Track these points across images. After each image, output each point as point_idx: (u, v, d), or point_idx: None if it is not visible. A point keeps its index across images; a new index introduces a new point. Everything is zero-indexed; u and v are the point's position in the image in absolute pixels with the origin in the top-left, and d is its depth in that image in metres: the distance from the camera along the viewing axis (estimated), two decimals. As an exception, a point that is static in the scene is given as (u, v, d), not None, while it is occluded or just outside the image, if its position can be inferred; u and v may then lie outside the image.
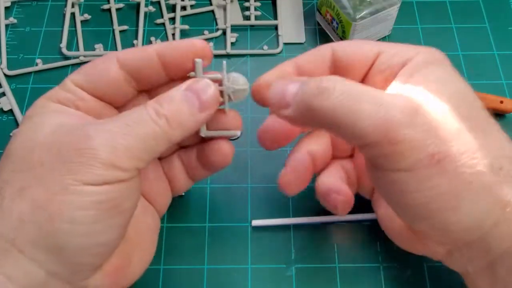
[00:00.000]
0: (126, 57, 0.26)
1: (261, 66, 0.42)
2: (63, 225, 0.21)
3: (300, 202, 0.36)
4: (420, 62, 0.25)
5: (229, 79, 0.26)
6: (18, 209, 0.21)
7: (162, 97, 0.24)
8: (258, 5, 0.45)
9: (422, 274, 0.33)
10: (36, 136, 0.23)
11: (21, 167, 0.22)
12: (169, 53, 0.26)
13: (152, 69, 0.26)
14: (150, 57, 0.26)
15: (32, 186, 0.22)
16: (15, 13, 0.45)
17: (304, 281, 0.33)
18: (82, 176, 0.21)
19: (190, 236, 0.34)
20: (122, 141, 0.22)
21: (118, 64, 0.26)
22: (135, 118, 0.23)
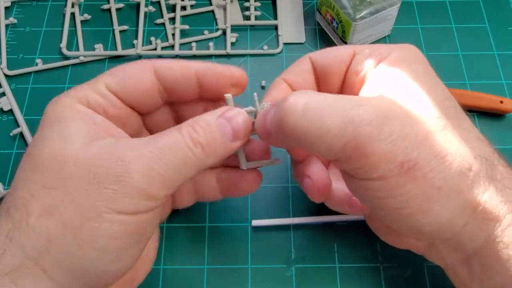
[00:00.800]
0: (164, 69, 0.26)
1: (261, 66, 0.42)
2: (92, 252, 0.21)
3: (300, 202, 0.36)
4: (393, 59, 0.25)
5: (262, 109, 0.26)
6: (47, 227, 0.21)
7: (197, 122, 0.24)
8: (258, 5, 0.45)
9: (422, 274, 0.33)
10: (67, 149, 0.22)
11: (52, 183, 0.21)
12: (209, 77, 0.26)
13: (188, 87, 0.26)
14: (189, 75, 0.26)
15: (64, 206, 0.21)
16: (15, 13, 0.45)
17: (304, 281, 0.33)
18: (117, 205, 0.21)
19: (190, 236, 0.34)
20: (158, 168, 0.22)
21: (155, 74, 0.26)
22: (171, 144, 0.23)
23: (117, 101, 0.25)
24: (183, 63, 0.26)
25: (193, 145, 0.23)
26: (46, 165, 0.22)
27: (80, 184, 0.21)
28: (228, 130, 0.24)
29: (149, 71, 0.25)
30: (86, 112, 0.24)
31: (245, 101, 0.40)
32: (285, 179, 0.37)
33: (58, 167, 0.22)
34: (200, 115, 0.25)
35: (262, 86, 0.41)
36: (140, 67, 0.26)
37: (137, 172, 0.21)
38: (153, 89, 0.26)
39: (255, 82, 0.41)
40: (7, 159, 0.38)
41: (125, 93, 0.25)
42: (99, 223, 0.21)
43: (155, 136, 0.23)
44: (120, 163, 0.21)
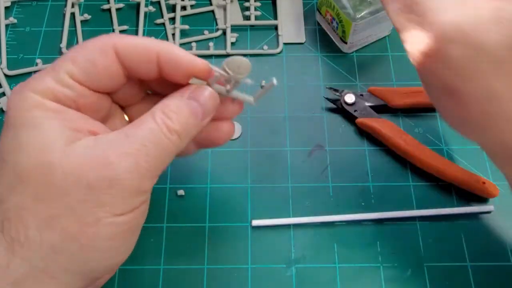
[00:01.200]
0: (126, 51, 0.24)
1: (261, 66, 0.42)
2: (95, 254, 0.22)
3: (300, 202, 0.36)
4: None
5: (230, 67, 0.25)
6: (49, 239, 0.21)
7: (168, 107, 0.24)
8: (258, 5, 0.45)
9: (422, 274, 0.33)
10: (50, 157, 0.21)
11: (44, 195, 0.21)
12: (171, 65, 0.24)
13: (149, 71, 0.25)
14: (151, 59, 0.24)
15: (62, 216, 0.21)
16: (15, 13, 0.45)
17: (304, 281, 0.33)
18: (114, 208, 0.22)
19: (190, 236, 0.34)
20: (144, 164, 0.22)
21: (117, 56, 0.24)
22: (150, 137, 0.23)
23: (84, 90, 0.24)
24: (145, 43, 0.24)
25: (170, 134, 0.23)
26: (32, 176, 0.21)
27: (74, 193, 0.21)
28: (199, 111, 0.25)
29: (111, 53, 0.24)
30: (57, 109, 0.23)
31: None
32: (285, 179, 0.37)
33: (46, 178, 0.21)
34: (170, 97, 0.25)
35: (262, 86, 0.41)
36: (101, 50, 0.24)
37: (127, 172, 0.22)
38: (118, 72, 0.24)
39: (255, 82, 0.41)
40: (7, 159, 0.38)
41: (91, 81, 0.24)
42: (98, 228, 0.22)
43: (132, 128, 0.23)
44: (109, 166, 0.21)
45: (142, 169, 0.22)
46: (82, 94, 0.24)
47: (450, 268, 0.33)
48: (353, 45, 0.42)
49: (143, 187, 0.23)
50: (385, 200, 0.36)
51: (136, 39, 0.24)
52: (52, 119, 0.22)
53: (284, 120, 0.39)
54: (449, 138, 0.38)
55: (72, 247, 0.21)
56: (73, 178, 0.21)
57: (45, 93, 0.23)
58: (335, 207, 0.35)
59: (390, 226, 0.35)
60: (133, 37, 0.24)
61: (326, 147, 0.38)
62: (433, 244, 0.34)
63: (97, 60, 0.23)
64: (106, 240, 0.22)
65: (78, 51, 0.24)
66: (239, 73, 0.25)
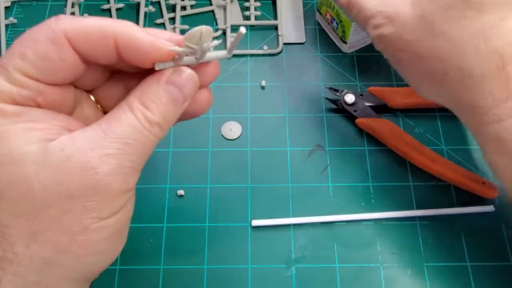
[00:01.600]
0: (80, 40, 0.21)
1: (261, 66, 0.42)
2: (88, 258, 0.22)
3: (300, 202, 0.36)
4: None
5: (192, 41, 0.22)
6: (39, 253, 0.20)
7: (146, 94, 0.22)
8: (258, 5, 0.45)
9: (422, 274, 0.33)
10: (25, 171, 0.20)
11: (24, 211, 0.20)
12: (129, 50, 0.22)
13: (107, 58, 0.22)
14: (108, 46, 0.22)
15: (48, 229, 0.20)
16: (15, 13, 0.45)
17: (304, 281, 0.33)
18: (100, 213, 0.21)
19: (190, 236, 0.34)
20: (129, 164, 0.21)
21: (71, 45, 0.21)
22: (131, 134, 0.21)
23: (44, 87, 0.21)
24: (100, 26, 0.21)
25: (151, 127, 0.22)
26: (8, 193, 0.20)
27: (57, 205, 0.20)
28: (179, 97, 0.23)
29: (63, 42, 0.21)
30: (19, 112, 0.21)
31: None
32: (285, 179, 0.37)
33: (24, 193, 0.20)
34: (146, 84, 0.22)
35: (262, 86, 0.41)
36: (52, 40, 0.21)
37: (111, 175, 0.21)
38: (75, 61, 0.22)
39: (255, 82, 0.41)
40: (7, 159, 0.38)
41: (46, 76, 0.21)
42: (87, 235, 0.21)
43: (109, 123, 0.21)
44: (90, 172, 0.20)
45: (126, 169, 0.21)
46: (39, 90, 0.21)
47: (450, 268, 0.33)
48: (353, 45, 0.42)
49: (127, 186, 0.22)
50: (385, 200, 0.36)
51: (88, 22, 0.21)
52: (16, 123, 0.20)
53: (284, 120, 0.39)
54: (449, 138, 0.38)
55: (65, 258, 0.21)
56: (54, 190, 0.20)
57: (1, 98, 0.20)
58: (335, 207, 0.35)
59: (390, 226, 0.35)
60: (84, 19, 0.21)
61: (326, 147, 0.38)
62: (433, 244, 0.34)
63: (49, 53, 0.21)
64: (97, 244, 0.22)
65: (25, 44, 0.21)
66: (203, 42, 0.23)
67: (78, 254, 0.21)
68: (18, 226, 0.20)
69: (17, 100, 0.21)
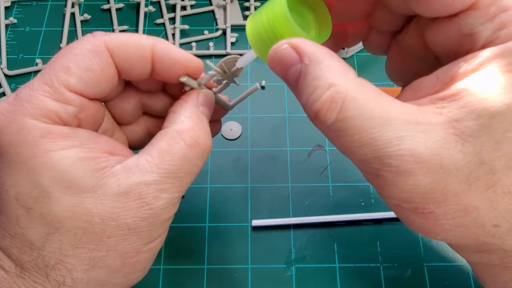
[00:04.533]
0: (120, 52, 0.22)
1: (261, 66, 0.42)
2: (136, 275, 0.23)
3: (300, 202, 0.36)
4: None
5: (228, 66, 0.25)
6: (94, 277, 0.22)
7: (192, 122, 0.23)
8: (258, 5, 0.45)
9: (422, 274, 0.33)
10: (82, 203, 0.20)
11: (84, 242, 0.21)
12: (165, 62, 0.23)
13: (142, 70, 0.23)
14: (146, 58, 0.23)
15: (105, 256, 0.22)
16: (15, 13, 0.45)
17: (304, 281, 0.33)
18: (151, 238, 0.23)
19: (190, 236, 0.34)
20: (178, 194, 0.23)
21: (112, 59, 0.22)
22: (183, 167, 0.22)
23: (87, 102, 0.22)
24: (138, 42, 0.22)
25: (202, 155, 0.23)
26: (68, 224, 0.20)
27: (115, 236, 0.21)
28: (208, 114, 0.25)
29: (105, 54, 0.22)
30: (67, 134, 0.21)
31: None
32: (285, 179, 0.37)
33: (84, 226, 0.20)
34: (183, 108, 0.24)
35: (262, 86, 0.41)
36: (95, 52, 0.21)
37: (163, 208, 0.22)
38: (114, 74, 0.22)
39: (255, 82, 0.41)
40: (7, 159, 0.38)
41: (90, 89, 0.22)
42: (139, 257, 0.23)
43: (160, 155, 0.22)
44: (145, 207, 0.21)
45: (175, 200, 0.23)
46: (82, 106, 0.22)
47: (450, 268, 0.33)
48: (352, 50, 0.42)
49: (174, 212, 0.23)
50: (385, 200, 0.36)
51: (127, 36, 0.22)
52: (67, 149, 0.20)
53: (284, 120, 0.39)
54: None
55: (117, 278, 0.22)
56: (113, 223, 0.21)
57: (48, 117, 0.20)
58: (335, 207, 0.35)
59: (390, 226, 0.35)
60: (120, 34, 0.23)
61: (326, 147, 0.38)
62: (433, 244, 0.34)
63: (91, 64, 0.21)
64: (145, 262, 0.23)
65: (67, 58, 0.21)
66: (234, 74, 0.25)
67: (129, 273, 0.23)
68: (78, 255, 0.21)
69: (62, 118, 0.21)
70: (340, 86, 0.18)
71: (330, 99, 0.18)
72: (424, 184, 0.18)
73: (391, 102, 0.19)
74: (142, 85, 0.26)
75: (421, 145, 0.18)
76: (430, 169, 0.18)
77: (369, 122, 0.18)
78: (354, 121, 0.18)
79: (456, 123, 0.18)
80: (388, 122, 0.18)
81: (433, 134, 0.18)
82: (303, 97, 0.20)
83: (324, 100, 0.19)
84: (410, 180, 0.18)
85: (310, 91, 0.19)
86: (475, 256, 0.22)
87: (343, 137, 0.19)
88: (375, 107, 0.18)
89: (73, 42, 0.22)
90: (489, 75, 0.18)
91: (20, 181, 0.20)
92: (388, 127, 0.18)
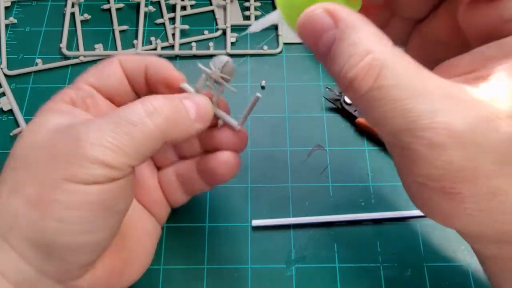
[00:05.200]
0: (125, 61, 0.28)
1: (261, 66, 0.42)
2: (52, 223, 0.21)
3: (300, 202, 0.36)
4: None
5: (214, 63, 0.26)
6: (13, 204, 0.22)
7: (162, 95, 0.24)
8: (258, 5, 0.45)
9: (422, 274, 0.33)
10: (35, 136, 0.23)
11: (19, 165, 0.23)
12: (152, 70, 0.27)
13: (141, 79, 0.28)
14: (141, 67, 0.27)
15: (26, 183, 0.22)
16: (15, 13, 0.45)
17: (304, 281, 0.33)
18: (72, 175, 0.21)
19: (190, 236, 0.34)
20: (112, 140, 0.22)
21: (121, 67, 0.28)
22: (128, 116, 0.23)
23: (95, 92, 0.27)
24: (138, 57, 0.28)
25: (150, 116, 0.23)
26: (16, 151, 0.23)
27: (41, 161, 0.22)
28: (193, 110, 0.25)
29: (116, 64, 0.28)
30: (65, 107, 0.25)
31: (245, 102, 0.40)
32: (285, 179, 0.37)
33: (25, 151, 0.23)
34: None
35: (262, 86, 0.41)
36: (109, 62, 0.28)
37: (90, 143, 0.22)
38: (123, 79, 0.28)
39: (255, 82, 0.41)
40: (7, 159, 0.38)
41: (101, 84, 0.27)
42: (57, 195, 0.21)
43: (116, 110, 0.24)
44: (75, 137, 0.22)
45: (108, 143, 0.22)
46: (90, 94, 0.27)
47: (450, 268, 0.33)
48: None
49: (108, 161, 0.22)
50: (385, 200, 0.36)
51: (133, 55, 0.29)
52: (53, 113, 0.25)
53: (284, 120, 0.39)
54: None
55: (31, 214, 0.21)
56: (44, 151, 0.22)
57: (62, 98, 0.26)
58: (335, 207, 0.35)
59: (390, 226, 0.35)
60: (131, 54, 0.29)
61: (326, 147, 0.38)
62: (433, 244, 0.34)
63: (104, 67, 0.28)
64: (64, 208, 0.21)
65: (93, 67, 0.28)
66: (223, 72, 0.26)
67: (44, 212, 0.21)
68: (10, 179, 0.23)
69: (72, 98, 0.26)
70: (378, 53, 0.18)
71: (368, 66, 0.18)
72: (457, 160, 0.18)
73: (429, 75, 0.18)
74: None
75: (456, 120, 0.17)
76: (464, 145, 0.17)
77: (405, 92, 0.18)
78: (389, 91, 0.18)
79: (494, 103, 0.18)
80: (424, 94, 0.18)
81: (469, 110, 0.18)
82: (336, 65, 0.19)
83: (362, 66, 0.18)
84: (444, 155, 0.18)
85: (345, 58, 0.18)
86: (492, 248, 0.21)
87: (377, 107, 0.18)
88: (413, 78, 0.18)
89: None
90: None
91: None
92: (424, 99, 0.18)
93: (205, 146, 0.29)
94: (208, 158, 0.28)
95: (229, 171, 0.28)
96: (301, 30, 0.20)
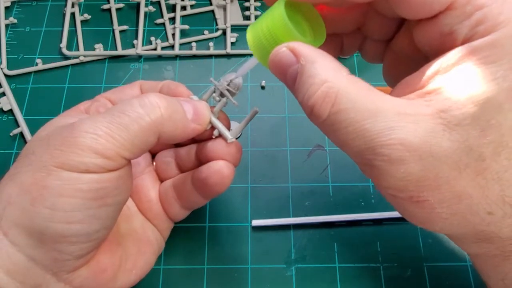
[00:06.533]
0: (145, 84, 0.30)
1: (261, 66, 0.42)
2: (43, 209, 0.21)
3: (300, 202, 0.36)
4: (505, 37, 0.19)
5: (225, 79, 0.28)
6: (8, 191, 0.22)
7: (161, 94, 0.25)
8: (258, 5, 0.45)
9: (422, 274, 0.33)
10: (42, 132, 0.25)
11: (20, 157, 0.24)
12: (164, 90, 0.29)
13: None
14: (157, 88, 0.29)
15: (22, 171, 0.23)
16: (15, 13, 0.45)
17: (304, 281, 0.33)
18: (64, 163, 0.22)
19: (190, 236, 0.34)
20: (105, 129, 0.22)
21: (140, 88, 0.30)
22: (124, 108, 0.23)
23: (109, 103, 0.29)
24: (160, 82, 0.30)
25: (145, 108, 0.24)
26: (24, 147, 0.25)
27: (37, 152, 0.23)
28: (190, 110, 0.26)
29: (137, 85, 0.30)
30: (78, 113, 0.27)
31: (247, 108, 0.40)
32: (285, 179, 0.37)
33: (29, 146, 0.24)
34: None
35: (262, 86, 0.41)
36: (132, 85, 0.30)
37: (84, 132, 0.22)
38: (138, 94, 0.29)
39: (255, 82, 0.41)
40: (7, 159, 0.38)
41: (118, 98, 0.29)
42: (49, 181, 0.22)
43: (112, 107, 0.25)
44: (69, 128, 0.23)
45: (101, 133, 0.22)
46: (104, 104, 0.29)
47: (450, 268, 0.33)
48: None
49: (101, 151, 0.22)
50: (385, 200, 0.35)
51: (151, 81, 0.31)
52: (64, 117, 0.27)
53: (284, 120, 0.39)
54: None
55: (25, 200, 0.22)
56: (43, 143, 0.23)
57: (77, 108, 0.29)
58: (335, 207, 0.35)
59: (390, 226, 0.35)
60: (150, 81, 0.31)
61: (326, 147, 0.38)
62: (433, 244, 0.34)
63: (125, 87, 0.30)
64: (55, 196, 0.21)
65: None
66: (229, 86, 0.27)
67: (35, 198, 0.21)
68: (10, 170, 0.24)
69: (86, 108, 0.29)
70: (333, 82, 0.20)
71: (324, 94, 0.20)
72: (416, 171, 0.19)
73: (382, 96, 0.20)
74: None
75: (411, 134, 0.19)
76: (420, 157, 0.19)
77: (361, 114, 0.19)
78: (347, 114, 0.20)
79: (443, 113, 0.19)
80: (379, 114, 0.19)
81: (421, 124, 0.19)
82: (299, 94, 0.21)
83: (319, 95, 0.20)
84: (402, 168, 0.19)
85: (306, 88, 0.20)
86: (474, 247, 0.22)
87: (338, 130, 0.20)
88: (367, 100, 0.20)
89: None
90: (468, 68, 0.19)
91: None
92: (379, 118, 0.19)
93: (200, 158, 0.29)
94: (202, 168, 0.28)
95: (220, 181, 0.28)
96: (271, 67, 0.22)
